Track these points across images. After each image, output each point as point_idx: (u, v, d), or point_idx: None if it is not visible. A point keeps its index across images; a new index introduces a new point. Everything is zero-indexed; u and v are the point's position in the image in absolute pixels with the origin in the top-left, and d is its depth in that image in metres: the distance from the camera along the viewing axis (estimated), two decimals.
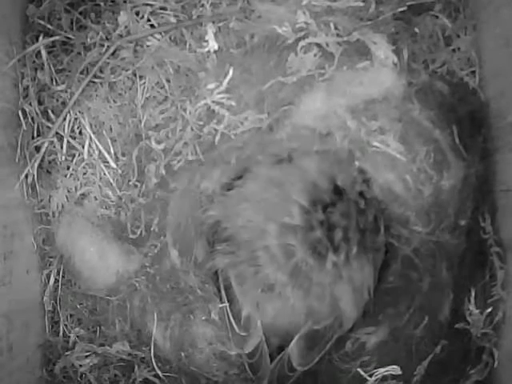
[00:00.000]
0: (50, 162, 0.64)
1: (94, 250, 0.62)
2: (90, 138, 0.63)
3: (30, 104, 0.62)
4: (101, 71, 0.62)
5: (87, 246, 0.62)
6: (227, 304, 0.58)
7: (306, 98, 0.60)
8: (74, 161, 0.64)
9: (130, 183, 0.63)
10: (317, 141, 0.60)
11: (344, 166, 0.59)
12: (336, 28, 0.60)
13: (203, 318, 0.61)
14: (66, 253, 0.63)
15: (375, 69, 0.59)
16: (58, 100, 0.63)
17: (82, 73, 0.62)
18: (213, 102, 0.61)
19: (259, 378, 0.57)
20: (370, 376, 0.57)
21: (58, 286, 0.64)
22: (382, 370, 0.56)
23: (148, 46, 0.62)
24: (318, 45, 0.60)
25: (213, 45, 0.61)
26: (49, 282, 0.64)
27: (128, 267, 0.62)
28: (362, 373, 0.57)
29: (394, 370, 0.56)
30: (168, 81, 0.62)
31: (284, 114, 0.61)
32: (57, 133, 0.63)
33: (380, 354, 0.59)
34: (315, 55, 0.60)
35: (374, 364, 0.58)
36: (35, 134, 0.63)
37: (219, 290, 0.59)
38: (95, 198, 0.63)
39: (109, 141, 0.63)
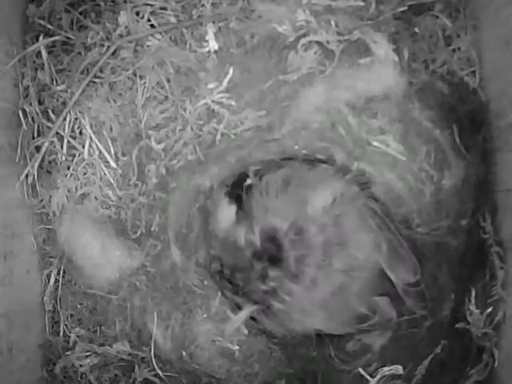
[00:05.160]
0: (50, 162, 0.64)
1: (96, 246, 0.62)
2: (91, 137, 0.63)
3: (31, 104, 0.62)
4: (101, 71, 0.62)
5: (89, 242, 0.62)
6: None
7: (307, 94, 0.60)
8: (75, 161, 0.64)
9: (131, 183, 0.63)
10: (317, 137, 0.60)
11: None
12: (337, 26, 0.60)
13: (204, 315, 0.61)
14: (68, 250, 0.63)
15: (376, 65, 0.59)
16: (58, 100, 0.63)
17: (82, 73, 0.62)
18: (213, 101, 0.61)
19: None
20: (371, 376, 0.57)
21: (58, 285, 0.64)
22: (384, 369, 0.56)
23: (148, 46, 0.62)
24: (319, 43, 0.60)
25: (213, 45, 0.61)
26: (49, 281, 0.64)
27: (130, 263, 0.62)
28: (363, 373, 0.57)
29: (397, 369, 0.56)
30: (168, 81, 0.62)
31: (284, 112, 0.61)
32: (57, 133, 0.63)
33: (381, 353, 0.59)
34: (315, 53, 0.60)
35: (376, 364, 0.58)
36: (35, 134, 0.63)
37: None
38: (95, 198, 0.63)
39: (109, 141, 0.63)
